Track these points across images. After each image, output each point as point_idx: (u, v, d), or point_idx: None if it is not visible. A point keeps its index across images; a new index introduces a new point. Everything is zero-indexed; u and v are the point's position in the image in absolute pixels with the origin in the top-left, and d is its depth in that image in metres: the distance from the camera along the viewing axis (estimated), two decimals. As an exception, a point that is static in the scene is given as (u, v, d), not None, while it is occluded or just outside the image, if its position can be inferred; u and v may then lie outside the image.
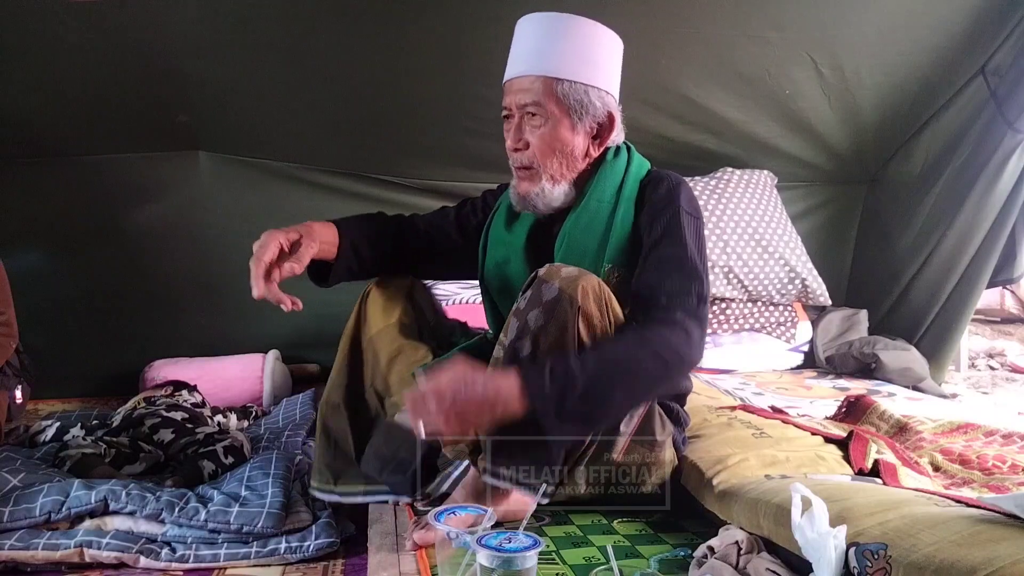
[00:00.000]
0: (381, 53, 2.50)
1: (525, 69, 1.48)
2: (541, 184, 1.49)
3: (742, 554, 1.19)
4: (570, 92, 1.45)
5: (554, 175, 1.49)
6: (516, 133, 1.49)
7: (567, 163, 1.49)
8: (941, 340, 2.92)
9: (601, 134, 1.52)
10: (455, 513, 1.22)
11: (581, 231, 1.49)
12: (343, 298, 3.07)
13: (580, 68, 1.46)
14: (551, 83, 1.45)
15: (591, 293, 1.32)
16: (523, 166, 1.50)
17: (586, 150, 1.52)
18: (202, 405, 2.44)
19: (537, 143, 1.48)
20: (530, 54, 1.48)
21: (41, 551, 1.47)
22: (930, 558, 0.92)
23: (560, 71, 1.45)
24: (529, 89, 1.46)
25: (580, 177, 1.53)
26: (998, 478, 1.58)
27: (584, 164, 1.53)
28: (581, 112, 1.47)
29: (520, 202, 1.53)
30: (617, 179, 1.51)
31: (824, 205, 3.30)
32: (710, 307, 1.45)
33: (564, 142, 1.48)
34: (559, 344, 1.30)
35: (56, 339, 2.84)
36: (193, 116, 2.73)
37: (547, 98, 1.45)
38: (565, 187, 1.51)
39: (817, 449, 1.59)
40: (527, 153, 1.49)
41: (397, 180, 3.03)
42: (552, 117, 1.46)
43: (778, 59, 2.69)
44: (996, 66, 2.70)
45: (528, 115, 1.48)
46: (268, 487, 1.66)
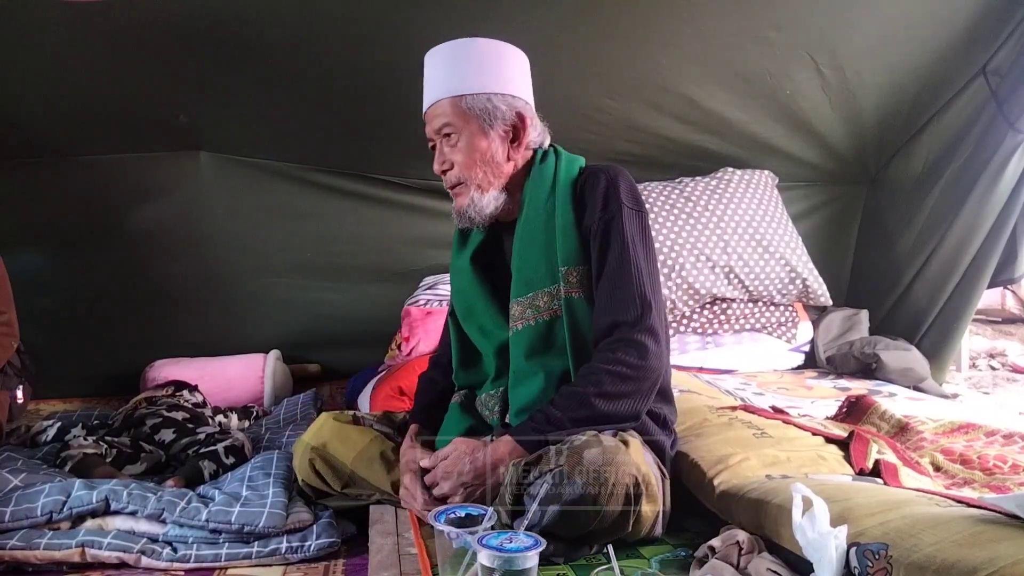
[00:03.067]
0: (383, 53, 2.50)
1: (434, 96, 1.56)
2: (470, 195, 1.55)
3: (743, 554, 1.19)
4: (474, 103, 1.53)
5: (480, 184, 1.55)
6: (439, 156, 1.57)
7: (491, 170, 1.55)
8: (942, 340, 2.92)
9: (517, 136, 1.57)
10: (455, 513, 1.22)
11: (528, 243, 1.54)
12: (344, 298, 3.10)
13: (480, 80, 1.54)
14: (456, 101, 1.53)
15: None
16: (453, 184, 1.57)
17: (507, 154, 1.57)
18: (203, 405, 2.44)
19: (458, 158, 1.55)
20: (436, 82, 1.57)
21: (43, 551, 1.47)
22: (931, 558, 0.92)
23: (462, 88, 1.53)
24: (440, 113, 1.55)
25: (511, 182, 1.58)
26: (999, 478, 1.58)
27: (510, 168, 1.58)
28: (488, 119, 1.53)
29: (459, 218, 1.59)
30: (547, 183, 1.56)
31: (825, 205, 3.30)
32: (662, 302, 1.52)
33: (481, 150, 1.54)
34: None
35: (57, 339, 2.84)
36: (194, 117, 2.73)
37: (456, 115, 1.53)
38: (494, 193, 1.56)
39: (818, 449, 1.59)
40: (454, 172, 1.56)
41: (398, 180, 3.03)
42: (464, 131, 1.54)
43: (779, 59, 2.68)
44: (997, 66, 2.70)
45: (445, 137, 1.56)
46: (269, 487, 1.66)
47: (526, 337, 1.51)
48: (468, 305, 1.64)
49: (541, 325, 1.50)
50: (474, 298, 1.62)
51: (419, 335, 2.63)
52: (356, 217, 3.04)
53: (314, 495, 1.67)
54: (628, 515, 1.30)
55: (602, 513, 1.27)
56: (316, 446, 1.63)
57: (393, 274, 3.08)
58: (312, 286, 3.09)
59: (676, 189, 2.95)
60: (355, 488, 1.63)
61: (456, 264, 1.68)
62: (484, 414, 1.58)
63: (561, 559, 1.30)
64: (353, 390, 2.65)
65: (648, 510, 1.34)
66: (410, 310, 2.76)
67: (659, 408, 1.56)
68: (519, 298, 1.52)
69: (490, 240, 1.63)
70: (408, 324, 2.70)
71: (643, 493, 1.32)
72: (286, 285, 3.08)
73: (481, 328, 1.62)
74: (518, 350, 1.52)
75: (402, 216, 3.07)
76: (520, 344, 1.51)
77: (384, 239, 3.08)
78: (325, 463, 1.63)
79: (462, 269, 1.65)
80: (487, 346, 1.60)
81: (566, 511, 1.25)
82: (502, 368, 1.57)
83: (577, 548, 1.31)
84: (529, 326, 1.51)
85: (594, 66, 2.64)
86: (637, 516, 1.32)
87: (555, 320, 1.49)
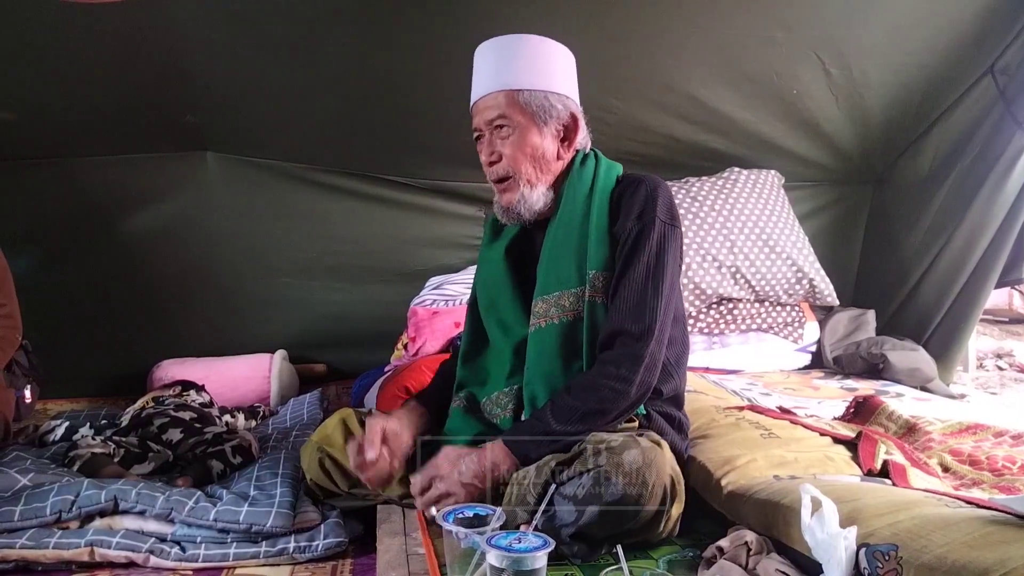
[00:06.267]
0: (388, 54, 2.51)
1: (486, 88, 1.56)
2: (520, 191, 1.54)
3: (751, 555, 1.19)
4: (531, 99, 1.53)
5: (530, 179, 1.54)
6: (488, 147, 1.56)
7: (541, 166, 1.55)
8: (949, 340, 2.91)
9: (568, 136, 1.58)
10: (463, 513, 1.22)
11: (560, 243, 1.53)
12: (350, 298, 3.11)
13: (537, 78, 1.54)
14: (512, 94, 1.53)
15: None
16: (500, 178, 1.56)
17: (556, 153, 1.57)
18: (210, 405, 2.45)
19: (509, 152, 1.54)
20: (489, 75, 1.56)
21: (51, 550, 1.48)
22: (941, 559, 0.92)
23: (519, 82, 1.53)
24: (493, 105, 1.54)
25: (556, 181, 1.58)
26: (1008, 479, 1.57)
27: (558, 167, 1.58)
28: (545, 116, 1.53)
29: (505, 214, 1.58)
30: (586, 186, 1.55)
31: (832, 205, 3.29)
32: (683, 314, 1.53)
33: (534, 146, 1.54)
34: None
35: (64, 339, 2.85)
36: (201, 117, 2.73)
37: (511, 108, 1.53)
38: (543, 189, 1.55)
39: (826, 450, 1.58)
40: (502, 164, 1.55)
41: (404, 180, 3.04)
42: (519, 125, 1.53)
43: (785, 59, 2.68)
44: (1005, 65, 2.69)
45: (496, 128, 1.55)
46: (277, 486, 1.66)
47: (547, 335, 1.50)
48: (492, 297, 1.64)
49: (564, 325, 1.50)
50: (499, 291, 1.62)
51: (425, 335, 2.62)
52: (362, 217, 3.05)
53: (322, 495, 1.68)
54: (662, 515, 1.32)
55: (640, 513, 1.28)
56: (325, 446, 1.64)
57: (399, 274, 3.08)
58: (318, 286, 3.10)
59: (682, 189, 2.95)
60: (362, 488, 1.63)
61: (487, 255, 1.67)
62: (495, 412, 1.56)
63: (580, 560, 1.30)
64: (359, 390, 2.65)
65: (675, 511, 1.36)
66: (416, 310, 2.76)
67: (675, 413, 1.56)
68: (544, 296, 1.52)
69: (522, 235, 1.63)
70: (414, 324, 2.70)
71: (678, 494, 1.34)
72: (292, 285, 3.08)
73: (501, 321, 1.61)
74: (537, 348, 1.52)
75: (408, 216, 3.07)
76: (540, 342, 1.51)
77: (390, 239, 3.09)
78: (334, 463, 1.64)
79: (493, 260, 1.64)
80: (504, 342, 1.59)
81: (605, 511, 1.26)
82: (517, 366, 1.56)
83: (597, 549, 1.32)
84: (552, 324, 1.50)
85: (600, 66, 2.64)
86: (667, 516, 1.34)
87: (577, 321, 1.49)
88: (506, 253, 1.62)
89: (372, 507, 1.61)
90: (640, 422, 1.51)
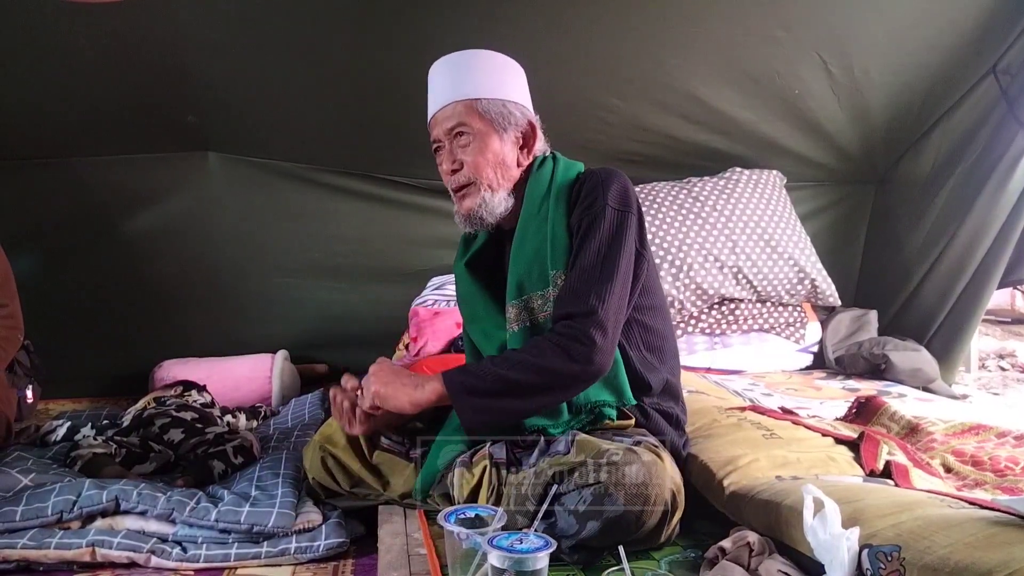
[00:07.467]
0: (389, 53, 2.50)
1: (444, 100, 1.56)
2: (481, 195, 1.55)
3: (754, 555, 1.19)
4: (490, 107, 1.54)
5: (492, 184, 1.55)
6: (450, 156, 1.57)
7: (502, 172, 1.56)
8: (951, 341, 2.90)
9: (527, 143, 1.59)
10: (464, 514, 1.22)
11: (522, 246, 1.54)
12: (352, 298, 3.11)
13: (494, 87, 1.56)
14: (471, 103, 1.54)
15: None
16: (461, 185, 1.56)
17: (516, 160, 1.58)
18: (211, 405, 2.45)
19: (470, 159, 1.54)
20: (445, 88, 1.57)
21: (53, 550, 1.48)
22: (945, 560, 0.92)
23: (477, 92, 1.55)
24: (452, 115, 1.55)
25: (517, 186, 1.58)
26: (1011, 480, 1.57)
27: (518, 173, 1.58)
28: (504, 123, 1.55)
29: (466, 221, 1.58)
30: (543, 186, 1.56)
31: (833, 205, 3.28)
32: (623, 301, 1.47)
33: (495, 152, 1.55)
34: None
35: (66, 339, 2.85)
36: (202, 117, 2.74)
37: (470, 116, 1.54)
38: (503, 195, 1.56)
39: (828, 450, 1.58)
40: (463, 172, 1.55)
41: (406, 180, 3.04)
42: (479, 132, 1.54)
43: (787, 59, 2.68)
44: (1007, 65, 2.68)
45: (456, 136, 1.55)
46: (278, 487, 1.66)
47: (521, 338, 1.51)
48: (471, 311, 1.66)
49: (534, 327, 1.51)
50: (475, 303, 1.64)
51: (427, 335, 2.62)
52: (364, 217, 3.05)
53: (324, 494, 1.68)
54: (663, 526, 1.32)
55: (642, 528, 1.28)
56: (328, 445, 1.65)
57: (401, 274, 3.08)
58: (320, 286, 3.10)
59: (684, 189, 2.94)
60: (364, 488, 1.64)
61: (457, 270, 1.70)
62: None
63: (581, 566, 1.30)
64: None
65: (676, 517, 1.36)
66: (418, 310, 2.76)
67: (671, 408, 1.56)
68: (513, 301, 1.53)
69: (492, 244, 1.65)
70: (416, 324, 2.70)
71: (679, 505, 1.34)
72: (294, 285, 3.08)
73: (484, 331, 1.62)
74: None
75: (410, 216, 3.07)
76: (516, 345, 1.52)
77: (392, 239, 3.09)
78: (336, 461, 1.65)
79: (461, 275, 1.67)
80: (490, 348, 1.60)
81: (605, 527, 1.26)
82: None
83: (598, 556, 1.32)
84: (525, 327, 1.51)
85: (602, 66, 2.64)
86: (668, 526, 1.34)
87: (547, 322, 1.50)
88: (468, 266, 1.65)
89: (373, 507, 1.62)
90: (637, 420, 1.51)
